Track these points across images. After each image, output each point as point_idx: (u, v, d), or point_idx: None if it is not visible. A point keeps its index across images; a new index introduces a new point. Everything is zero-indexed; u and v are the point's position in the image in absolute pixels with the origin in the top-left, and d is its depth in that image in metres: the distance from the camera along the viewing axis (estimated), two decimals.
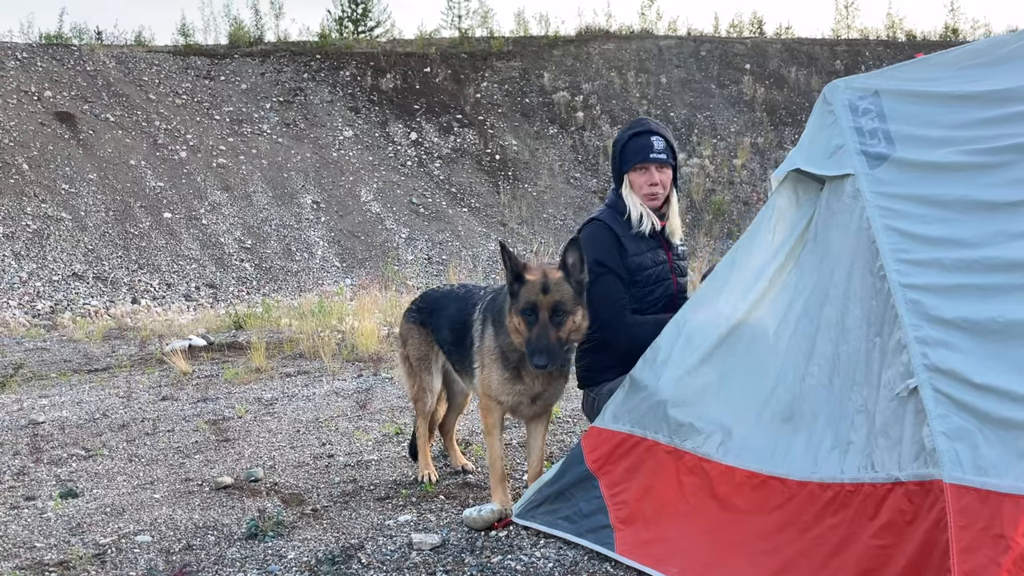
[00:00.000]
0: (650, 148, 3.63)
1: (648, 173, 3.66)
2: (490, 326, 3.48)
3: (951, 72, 2.79)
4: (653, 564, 2.82)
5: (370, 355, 7.69)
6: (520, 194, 18.07)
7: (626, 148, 3.69)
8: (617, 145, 3.79)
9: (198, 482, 4.19)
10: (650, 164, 3.65)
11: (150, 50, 19.21)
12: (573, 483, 3.23)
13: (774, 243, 3.04)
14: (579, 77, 20.72)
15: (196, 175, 16.51)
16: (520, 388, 3.41)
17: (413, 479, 4.09)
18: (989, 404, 2.08)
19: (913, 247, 2.51)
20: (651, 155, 3.64)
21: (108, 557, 3.26)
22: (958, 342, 2.25)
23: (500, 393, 3.44)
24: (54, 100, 16.69)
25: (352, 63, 19.94)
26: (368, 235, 16.35)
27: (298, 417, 5.51)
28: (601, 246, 3.60)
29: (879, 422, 2.35)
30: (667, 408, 2.99)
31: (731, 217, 17.86)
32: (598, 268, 3.52)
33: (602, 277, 3.54)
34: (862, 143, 2.83)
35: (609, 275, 3.56)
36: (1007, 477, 1.97)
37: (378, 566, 3.07)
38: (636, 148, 3.66)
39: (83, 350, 8.82)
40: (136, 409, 5.92)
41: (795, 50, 22.04)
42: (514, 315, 3.22)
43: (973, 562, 1.93)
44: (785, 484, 2.55)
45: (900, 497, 2.18)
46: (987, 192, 2.47)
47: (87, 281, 13.63)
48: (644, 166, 3.65)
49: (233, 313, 10.75)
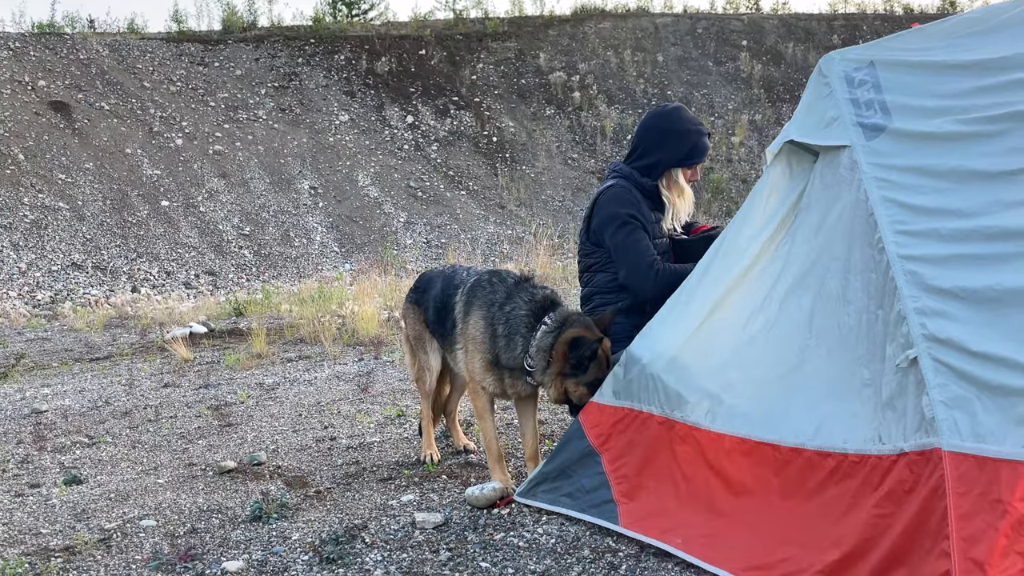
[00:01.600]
0: (707, 149, 3.84)
1: (695, 169, 3.85)
2: (479, 317, 3.49)
3: (947, 41, 2.78)
4: (657, 536, 2.84)
5: (371, 339, 7.70)
6: (518, 176, 18.03)
7: (697, 146, 3.79)
8: (683, 138, 3.78)
9: (201, 467, 4.22)
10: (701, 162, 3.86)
11: (143, 37, 19.09)
12: (574, 460, 3.25)
13: (765, 214, 3.05)
14: (575, 57, 20.60)
15: (192, 162, 16.47)
16: (500, 384, 3.51)
17: (415, 460, 4.11)
18: (987, 372, 2.09)
19: (911, 218, 2.51)
20: (705, 156, 3.87)
21: (113, 541, 3.28)
22: (956, 312, 2.25)
23: (483, 380, 3.52)
24: (48, 89, 16.62)
25: (347, 47, 19.82)
26: (366, 220, 16.33)
27: (300, 401, 5.53)
28: (633, 201, 3.71)
29: (886, 395, 2.36)
30: (660, 380, 3.01)
31: (729, 195, 17.81)
32: (632, 221, 3.66)
33: (636, 229, 3.66)
34: (858, 115, 2.82)
35: (640, 227, 3.68)
36: (1005, 443, 1.98)
37: (382, 545, 3.09)
38: (704, 148, 3.81)
39: (84, 339, 8.83)
40: (138, 396, 5.94)
41: (792, 26, 21.90)
42: (581, 385, 3.33)
43: (971, 527, 1.94)
44: (777, 450, 2.56)
45: (903, 467, 2.19)
46: (984, 161, 2.47)
47: (86, 271, 13.63)
48: (699, 163, 3.85)
49: (233, 300, 10.75)
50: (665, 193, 3.82)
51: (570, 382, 3.33)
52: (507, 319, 3.43)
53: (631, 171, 3.79)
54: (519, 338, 3.40)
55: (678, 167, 3.79)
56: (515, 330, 3.41)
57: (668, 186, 3.83)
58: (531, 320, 3.40)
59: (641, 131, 3.88)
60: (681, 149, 3.76)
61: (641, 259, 3.62)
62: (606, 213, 3.70)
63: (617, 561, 2.83)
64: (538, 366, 3.36)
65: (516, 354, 3.40)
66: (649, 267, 3.61)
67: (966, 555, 1.92)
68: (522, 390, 3.51)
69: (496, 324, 3.44)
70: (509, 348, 3.41)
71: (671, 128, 3.79)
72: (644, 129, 3.86)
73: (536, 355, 3.35)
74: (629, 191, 3.74)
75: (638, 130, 3.92)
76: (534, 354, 3.35)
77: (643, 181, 3.78)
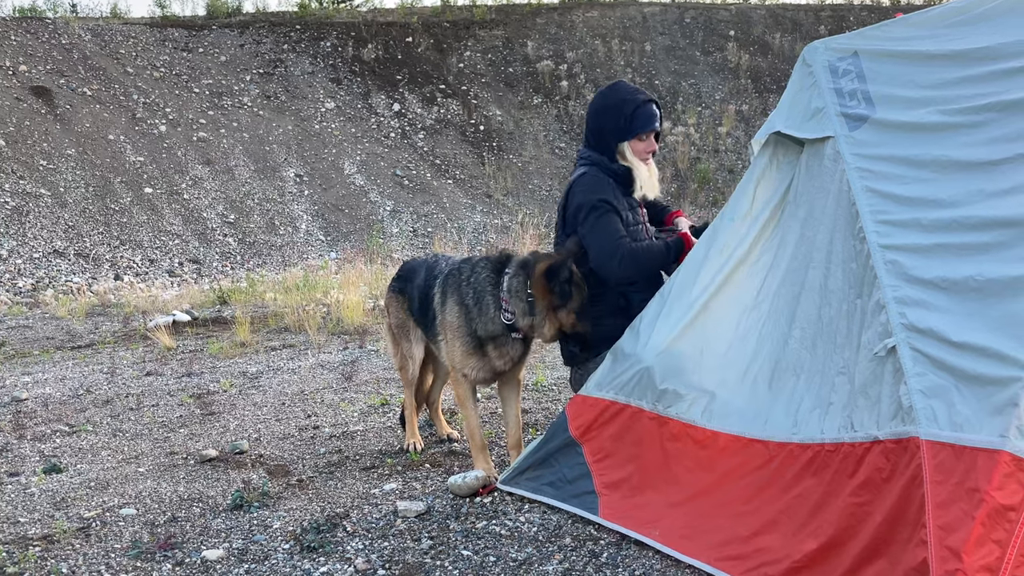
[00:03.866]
0: (655, 118, 3.69)
1: (648, 141, 3.70)
2: (453, 302, 3.51)
3: (931, 31, 2.77)
4: (635, 527, 2.85)
5: (355, 328, 7.67)
6: (505, 165, 17.97)
7: (636, 115, 3.66)
8: (619, 110, 3.70)
9: (183, 455, 4.19)
10: (651, 132, 3.70)
11: (126, 22, 18.85)
12: (557, 449, 3.25)
13: (755, 208, 3.04)
14: (563, 45, 20.52)
15: (176, 149, 16.31)
16: (484, 364, 3.53)
17: (398, 449, 4.10)
18: (966, 361, 2.10)
19: (892, 208, 2.51)
20: (655, 124, 3.69)
21: (93, 530, 3.25)
22: (936, 301, 2.26)
23: (464, 366, 3.53)
24: (29, 75, 16.39)
25: (332, 33, 19.66)
26: (352, 208, 16.25)
27: (283, 390, 5.50)
28: (605, 187, 3.63)
29: (859, 382, 2.37)
30: (651, 375, 3.00)
31: (716, 185, 17.83)
32: (602, 205, 3.57)
33: (606, 212, 3.57)
34: (842, 105, 2.82)
35: (611, 211, 3.59)
36: (982, 432, 1.98)
37: (363, 534, 3.08)
38: (646, 116, 3.66)
39: (66, 327, 8.75)
40: (120, 385, 5.89)
41: (779, 16, 21.90)
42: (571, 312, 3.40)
43: (948, 516, 1.95)
44: (767, 447, 2.57)
45: (878, 455, 2.20)
46: (966, 151, 2.47)
47: (68, 258, 13.50)
48: (648, 134, 3.69)
49: (217, 288, 10.68)
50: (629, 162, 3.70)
51: (561, 313, 3.37)
52: (473, 289, 3.47)
53: (601, 157, 3.72)
54: (488, 297, 3.43)
55: (624, 141, 3.68)
56: (482, 291, 3.44)
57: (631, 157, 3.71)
58: (494, 277, 3.45)
59: (587, 115, 3.86)
60: (619, 122, 3.67)
61: (608, 240, 3.52)
62: (577, 202, 3.64)
63: (598, 549, 2.84)
64: (518, 311, 3.38)
65: (491, 315, 3.43)
66: (616, 248, 3.51)
67: (942, 543, 1.93)
68: (513, 353, 3.52)
69: (465, 299, 3.48)
70: (482, 312, 3.44)
71: (606, 104, 3.73)
72: (588, 112, 3.83)
73: (512, 302, 3.37)
74: (598, 177, 3.67)
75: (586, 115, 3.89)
76: (509, 302, 3.38)
77: (613, 166, 3.70)
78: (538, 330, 3.42)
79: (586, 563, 2.74)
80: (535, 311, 3.36)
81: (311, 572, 2.80)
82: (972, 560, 1.88)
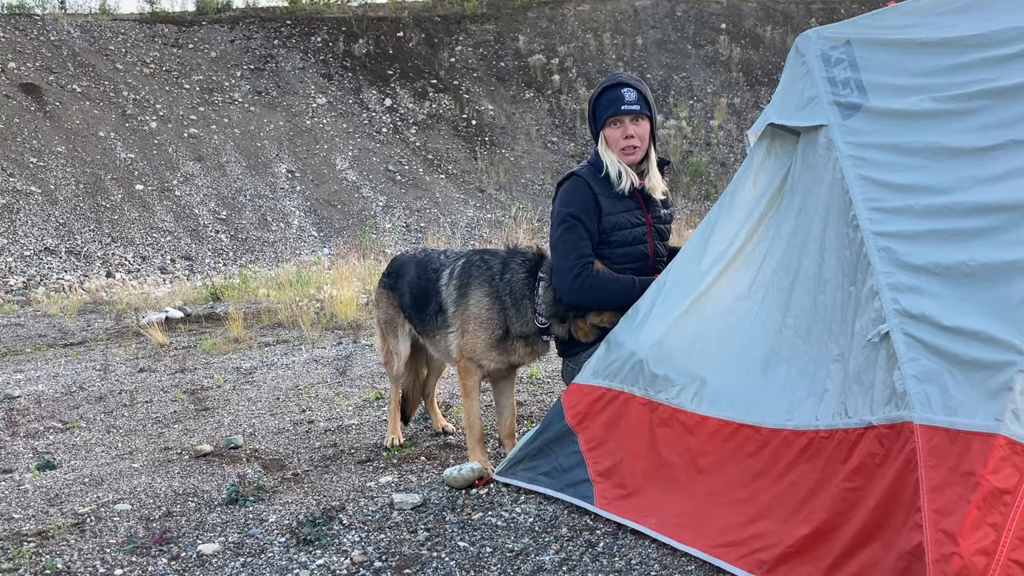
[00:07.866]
0: (621, 100, 3.48)
1: (622, 126, 3.50)
2: (482, 294, 3.52)
3: (922, 19, 2.78)
4: (631, 516, 2.85)
5: (349, 323, 7.66)
6: (497, 159, 17.95)
7: (598, 103, 3.55)
8: (591, 102, 3.68)
9: (177, 451, 4.18)
10: (623, 116, 3.49)
11: (115, 18, 18.74)
12: (554, 439, 3.25)
13: (752, 198, 3.05)
14: (554, 39, 20.49)
15: (167, 146, 16.23)
16: (505, 357, 3.55)
17: (393, 442, 4.09)
18: (959, 346, 2.10)
19: (885, 195, 2.51)
20: (623, 107, 3.48)
21: (87, 526, 3.24)
22: (929, 287, 2.26)
23: (484, 358, 3.53)
24: (18, 72, 16.28)
25: (323, 28, 19.59)
26: (345, 203, 16.21)
27: (278, 385, 5.49)
28: (578, 201, 3.48)
29: (852, 369, 2.37)
30: (645, 363, 3.00)
31: (708, 179, 17.86)
32: (570, 219, 3.44)
33: (573, 228, 3.44)
34: (835, 93, 2.82)
35: (580, 227, 3.44)
36: (976, 416, 1.99)
37: (359, 526, 3.08)
38: (608, 101, 3.51)
39: (58, 325, 8.71)
40: (113, 381, 5.87)
41: (770, 9, 21.91)
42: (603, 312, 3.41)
43: (943, 500, 1.96)
44: (758, 432, 2.58)
45: (871, 440, 2.21)
46: (958, 138, 2.47)
47: (60, 255, 13.43)
48: (618, 119, 3.50)
49: (210, 284, 10.64)
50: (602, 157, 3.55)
51: (592, 317, 3.41)
52: (511, 288, 3.48)
53: (597, 159, 3.58)
54: (527, 302, 3.46)
55: (600, 130, 3.55)
56: (521, 295, 3.47)
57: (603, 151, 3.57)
58: (531, 280, 3.47)
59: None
60: (594, 111, 3.57)
61: (565, 259, 3.39)
62: (553, 210, 3.58)
63: (595, 539, 2.84)
64: (553, 322, 3.45)
65: (528, 317, 3.47)
66: (569, 270, 3.36)
67: (937, 527, 1.94)
68: (540, 351, 3.60)
69: (501, 294, 3.49)
70: (520, 315, 3.48)
71: (590, 98, 3.66)
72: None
73: (547, 312, 3.43)
74: (583, 184, 3.51)
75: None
76: (544, 311, 3.43)
77: (597, 159, 3.57)
78: (575, 334, 3.49)
79: (582, 553, 2.75)
80: (566, 321, 3.44)
81: (307, 565, 2.79)
82: (968, 543, 1.89)
